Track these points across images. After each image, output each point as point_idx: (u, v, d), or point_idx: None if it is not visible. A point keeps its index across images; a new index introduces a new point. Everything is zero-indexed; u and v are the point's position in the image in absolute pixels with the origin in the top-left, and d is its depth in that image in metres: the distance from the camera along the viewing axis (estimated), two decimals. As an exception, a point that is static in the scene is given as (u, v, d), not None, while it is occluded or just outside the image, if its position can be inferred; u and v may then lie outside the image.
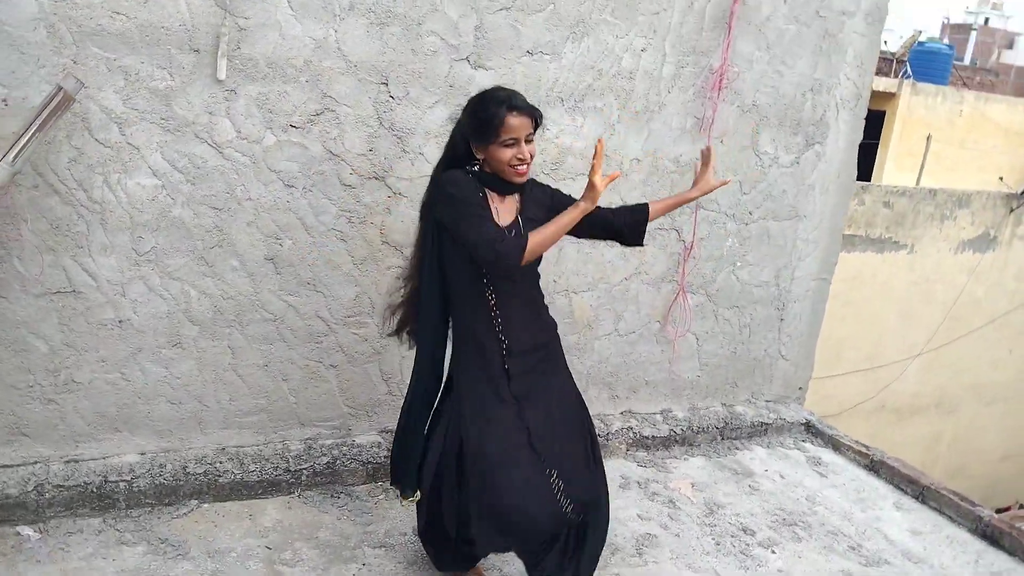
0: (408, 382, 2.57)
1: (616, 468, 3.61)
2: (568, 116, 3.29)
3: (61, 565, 2.57)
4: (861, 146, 4.05)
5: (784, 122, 3.76)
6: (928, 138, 14.31)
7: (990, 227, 12.85)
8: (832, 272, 4.18)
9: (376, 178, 3.04)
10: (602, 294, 3.60)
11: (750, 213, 3.84)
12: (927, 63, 16.22)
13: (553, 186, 2.57)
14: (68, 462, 2.87)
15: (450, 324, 2.45)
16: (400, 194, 3.09)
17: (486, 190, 2.32)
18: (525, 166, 2.29)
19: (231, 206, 2.87)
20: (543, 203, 2.45)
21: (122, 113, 2.64)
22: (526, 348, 2.40)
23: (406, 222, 3.13)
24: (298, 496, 3.10)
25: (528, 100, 2.30)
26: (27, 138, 2.03)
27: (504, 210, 2.35)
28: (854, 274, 12.03)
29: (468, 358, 2.41)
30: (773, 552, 3.13)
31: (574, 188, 3.28)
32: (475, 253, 2.25)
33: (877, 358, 12.64)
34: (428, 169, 3.05)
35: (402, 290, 2.60)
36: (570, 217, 2.31)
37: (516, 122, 2.23)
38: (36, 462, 2.83)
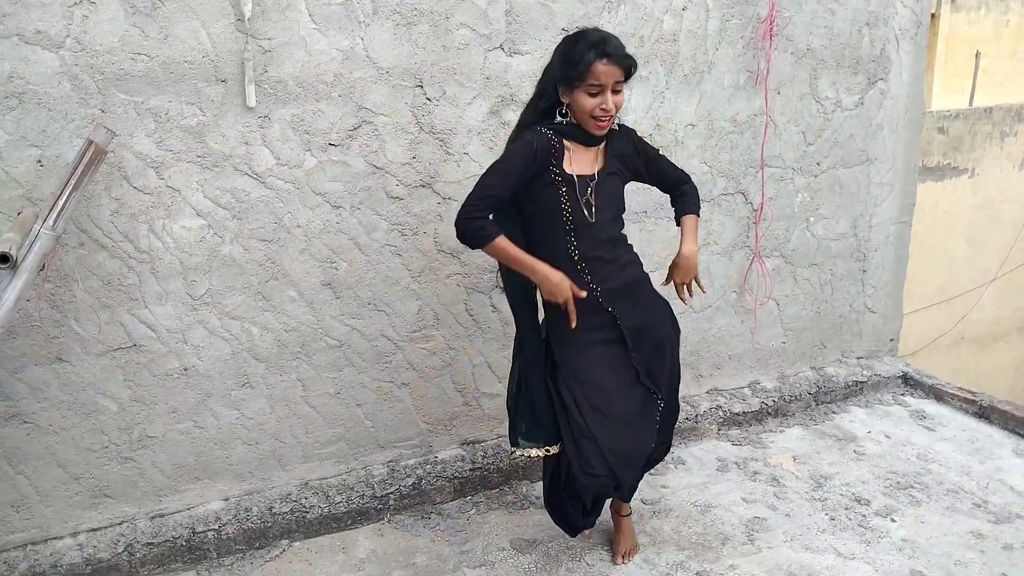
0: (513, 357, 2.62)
1: (709, 450, 3.44)
2: (614, 90, 3.10)
3: (163, 625, 2.52)
4: None
5: (842, 62, 3.51)
6: (977, 55, 13.65)
7: (1053, 138, 12.23)
8: (911, 213, 3.93)
9: (423, 186, 2.91)
10: (672, 271, 3.41)
11: (818, 164, 3.60)
12: (967, -25, 15.47)
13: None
14: (154, 518, 2.81)
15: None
16: (450, 199, 2.95)
17: (564, 142, 2.32)
18: (607, 119, 2.26)
19: (281, 236, 2.76)
20: (626, 155, 2.44)
21: (157, 156, 2.54)
22: (617, 288, 2.44)
23: (460, 226, 2.99)
24: (388, 521, 3.01)
25: (622, 47, 2.26)
26: (64, 198, 1.94)
27: (584, 160, 2.35)
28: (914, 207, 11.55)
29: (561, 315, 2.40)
30: (893, 520, 2.93)
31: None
32: None
33: (950, 289, 12.18)
34: (475, 169, 2.93)
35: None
36: (527, 267, 2.33)
37: (604, 68, 2.19)
38: (123, 522, 2.78)
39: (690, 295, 2.59)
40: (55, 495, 2.68)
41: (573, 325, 2.34)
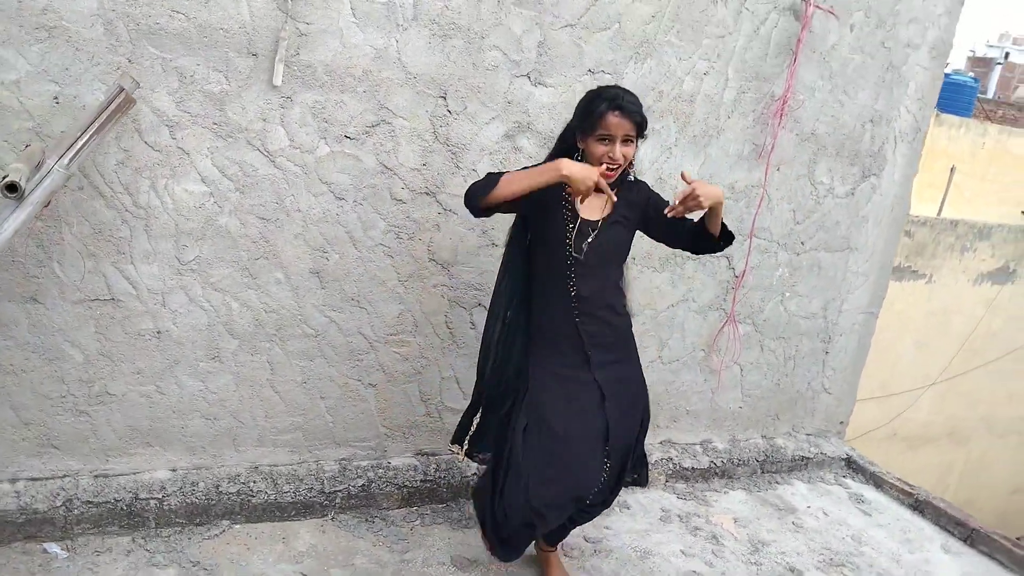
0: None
1: (655, 499, 3.49)
2: (625, 137, 3.19)
3: (89, 586, 2.46)
4: None
5: (842, 152, 3.66)
6: (952, 169, 14.23)
7: (1010, 260, 12.74)
8: (880, 306, 4.08)
9: (427, 194, 2.94)
10: (647, 320, 3.48)
11: (802, 243, 3.73)
12: (953, 95, 16.13)
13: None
14: (98, 477, 2.75)
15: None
16: (450, 211, 2.99)
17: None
18: (614, 168, 2.35)
19: (279, 217, 2.76)
20: (637, 204, 2.50)
21: (174, 116, 2.53)
22: (604, 342, 2.50)
23: (454, 239, 3.03)
24: (332, 519, 2.99)
25: (635, 104, 2.35)
26: (85, 140, 1.93)
27: (594, 206, 2.43)
28: (871, 302, 11.92)
29: (546, 350, 2.52)
30: (823, 598, 3.01)
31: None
32: None
33: (891, 386, 12.53)
34: (481, 186, 2.97)
35: None
36: (540, 170, 2.33)
37: (615, 120, 2.31)
38: (65, 476, 2.72)
39: (679, 206, 2.36)
40: (1, 437, 2.61)
41: (614, 199, 2.35)
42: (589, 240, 2.43)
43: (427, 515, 3.10)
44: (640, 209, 2.51)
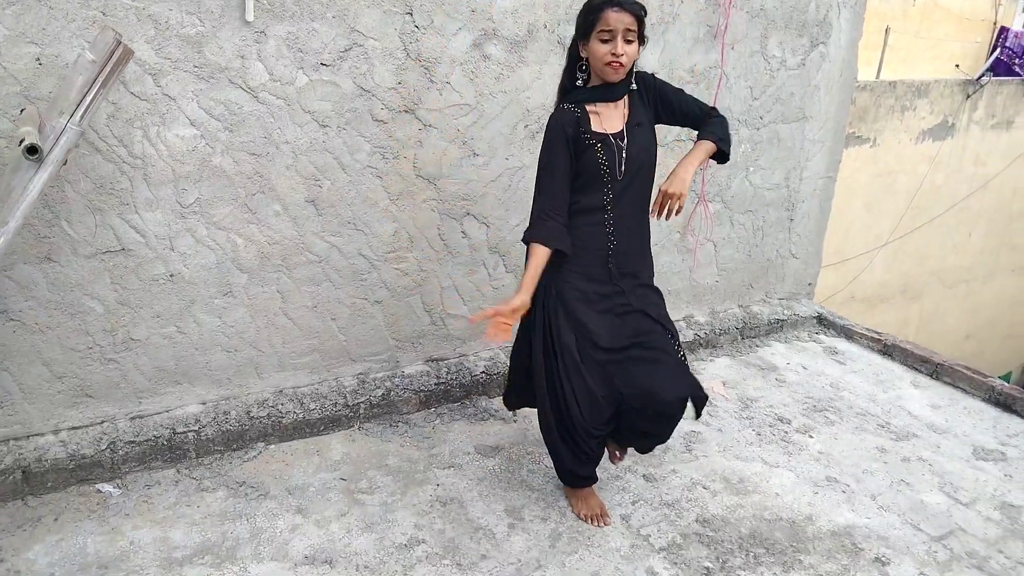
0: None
1: (651, 375, 3.76)
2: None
3: (149, 516, 2.64)
4: None
5: (790, 24, 3.80)
6: (887, 30, 14.40)
7: (947, 115, 13.12)
8: (837, 170, 4.30)
9: (407, 111, 3.04)
10: (626, 209, 3.67)
11: (761, 118, 3.91)
12: (882, -47, 16.16)
13: None
14: (134, 418, 2.91)
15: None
16: (430, 126, 3.09)
17: (587, 108, 2.44)
18: (619, 64, 2.36)
19: (269, 151, 2.85)
20: (649, 101, 2.54)
21: (155, 64, 2.59)
22: (629, 271, 2.58)
23: (437, 154, 3.15)
24: (358, 429, 3.20)
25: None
26: (92, 95, 2.00)
27: (613, 116, 2.46)
28: (818, 171, 12.29)
29: (576, 267, 2.54)
30: (811, 437, 3.33)
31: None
32: None
33: (845, 251, 13.05)
34: (455, 99, 3.10)
35: None
36: (522, 281, 2.42)
37: (614, 16, 2.32)
38: (103, 421, 2.87)
39: (666, 213, 2.54)
40: (38, 393, 2.74)
41: (489, 335, 2.38)
42: (620, 152, 2.45)
43: (445, 414, 3.33)
44: (650, 101, 2.54)
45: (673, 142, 3.69)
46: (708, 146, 2.53)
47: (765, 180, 4.06)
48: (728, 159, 2.63)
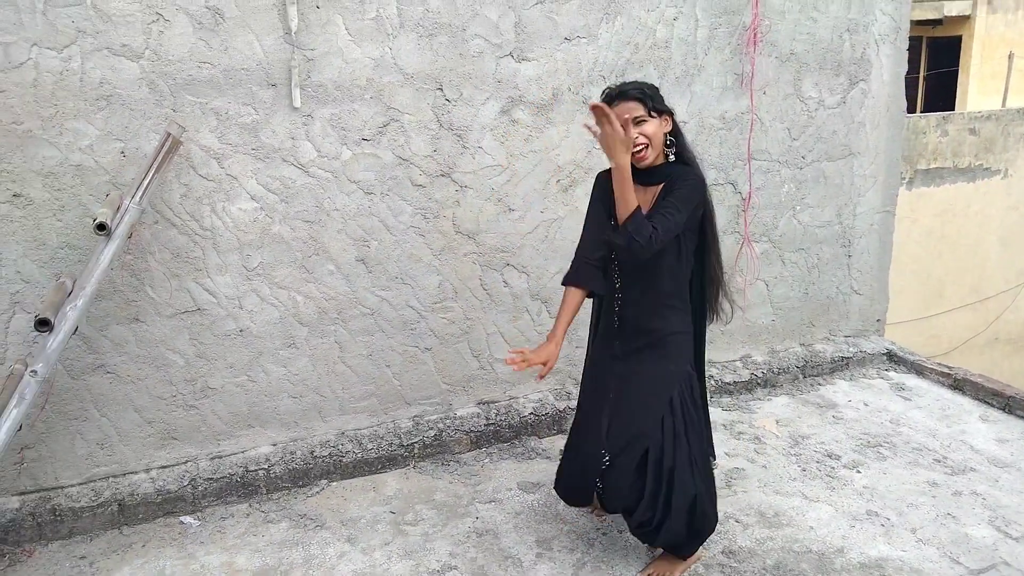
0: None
1: (702, 414, 3.82)
2: (612, 92, 3.52)
3: (221, 544, 2.99)
4: (941, 76, 4.13)
5: (824, 65, 3.88)
6: (1010, 56, 13.73)
7: (1083, 139, 12.28)
8: (895, 203, 4.26)
9: (443, 175, 3.35)
10: (667, 253, 3.81)
11: (803, 157, 3.97)
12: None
13: (605, 160, 2.62)
14: (213, 458, 3.30)
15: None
16: (466, 187, 3.39)
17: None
18: (640, 149, 2.42)
19: (321, 218, 3.23)
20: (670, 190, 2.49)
21: (219, 149, 3.03)
22: (631, 335, 2.62)
23: (474, 211, 3.43)
24: (413, 467, 3.46)
25: (630, 85, 2.47)
26: (148, 179, 2.42)
27: (644, 201, 2.47)
28: (945, 207, 11.79)
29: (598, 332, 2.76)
30: (858, 472, 3.29)
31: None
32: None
33: (983, 290, 12.29)
34: (488, 161, 3.38)
35: None
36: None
37: (619, 108, 2.39)
38: (187, 461, 3.27)
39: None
40: (132, 436, 3.17)
41: (509, 362, 2.49)
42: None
43: (494, 453, 3.53)
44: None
45: (711, 186, 3.81)
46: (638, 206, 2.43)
47: (815, 218, 4.09)
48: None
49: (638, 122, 2.42)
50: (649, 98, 2.44)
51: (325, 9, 3.04)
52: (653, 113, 2.45)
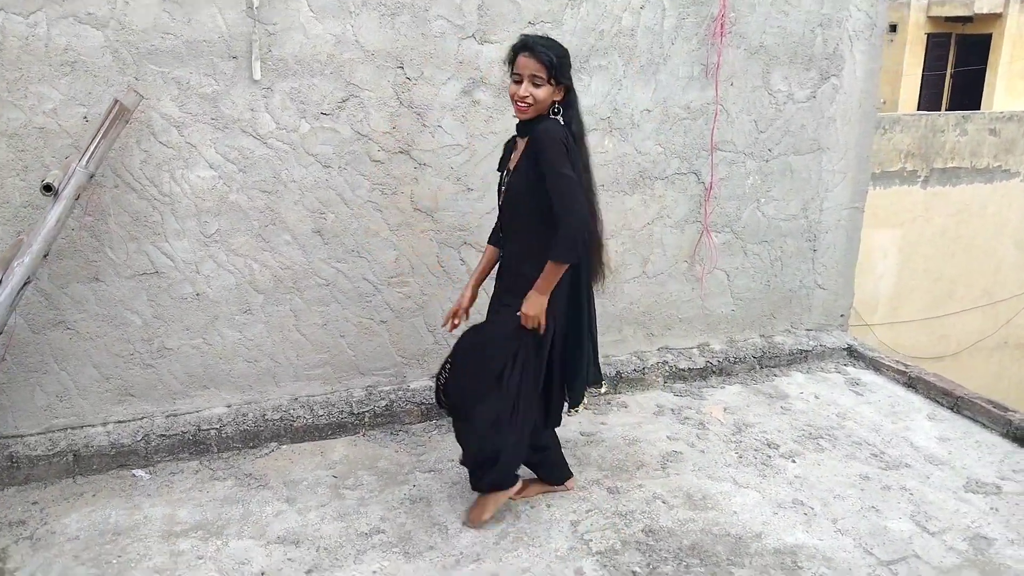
0: None
1: (652, 398, 3.90)
2: (575, 77, 3.54)
3: (167, 497, 3.12)
4: (969, 74, 4.11)
5: (795, 59, 3.89)
6: (1031, 56, 13.50)
7: (1105, 142, 12.06)
8: (864, 200, 4.27)
9: (401, 152, 3.43)
10: (626, 239, 3.87)
11: (769, 150, 3.99)
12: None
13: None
14: (168, 416, 3.42)
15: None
16: (424, 164, 3.46)
17: (516, 140, 2.76)
18: (523, 104, 2.57)
19: (278, 188, 3.32)
20: (531, 154, 2.62)
21: (179, 117, 3.12)
22: (503, 277, 2.87)
23: (432, 189, 3.51)
24: (362, 435, 3.56)
25: (545, 47, 2.56)
26: (95, 144, 2.52)
27: (517, 154, 2.72)
28: (961, 208, 11.68)
29: None
30: (793, 462, 3.35)
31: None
32: None
33: (995, 293, 12.17)
34: (448, 140, 3.44)
35: None
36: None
37: (522, 60, 2.55)
38: (143, 417, 3.40)
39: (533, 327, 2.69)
40: (90, 391, 3.30)
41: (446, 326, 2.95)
42: (502, 189, 2.77)
43: (443, 426, 3.62)
44: (533, 156, 2.60)
45: (674, 175, 3.85)
46: (551, 267, 2.59)
47: (779, 211, 4.11)
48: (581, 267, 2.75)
49: (534, 81, 2.55)
50: (555, 67, 2.54)
51: (287, -15, 3.12)
52: (552, 80, 2.56)
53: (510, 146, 2.83)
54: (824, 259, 4.29)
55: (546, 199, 2.57)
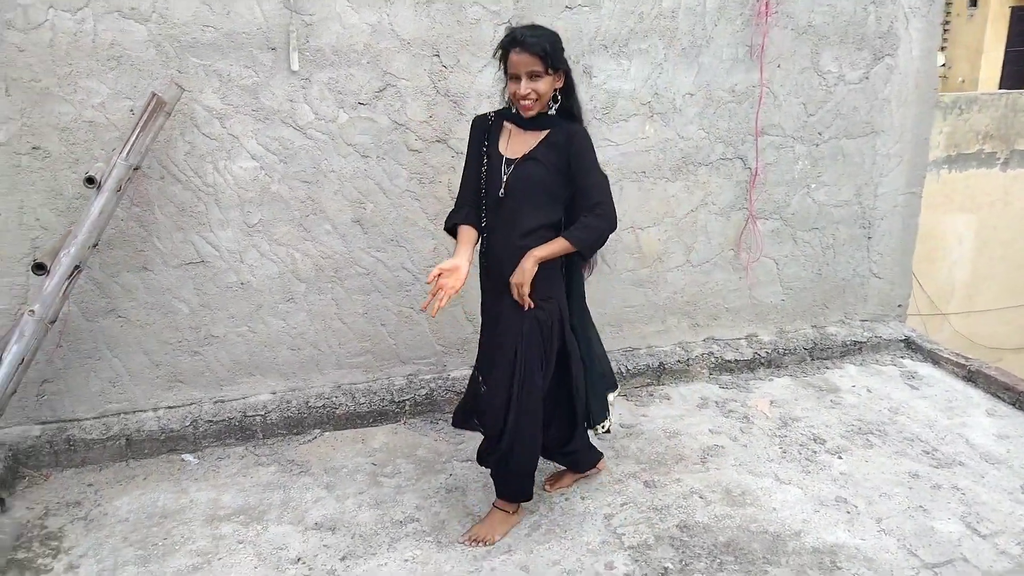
0: None
1: (696, 390, 3.82)
2: (614, 61, 3.50)
3: (213, 481, 3.20)
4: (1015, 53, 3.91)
5: (846, 39, 3.74)
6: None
7: None
8: (921, 185, 4.09)
9: (439, 141, 3.42)
10: (669, 227, 3.79)
11: (819, 134, 3.85)
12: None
13: (606, 129, 2.69)
14: (216, 402, 3.51)
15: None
16: (461, 153, 3.42)
17: (505, 124, 2.63)
18: (528, 101, 2.48)
19: (319, 179, 3.36)
20: (559, 146, 2.55)
21: (221, 109, 3.18)
22: (495, 271, 2.67)
23: (473, 177, 3.49)
24: (403, 423, 3.60)
25: (535, 38, 2.43)
26: (134, 137, 2.59)
27: (520, 143, 2.59)
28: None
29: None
30: (840, 458, 3.24)
31: (627, 129, 3.55)
32: None
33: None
34: (485, 127, 3.41)
35: None
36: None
37: (515, 58, 2.44)
38: (192, 403, 3.50)
39: (522, 303, 2.59)
40: (141, 377, 3.41)
41: (428, 309, 2.52)
42: (505, 176, 2.58)
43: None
44: (563, 152, 2.54)
45: (718, 161, 3.76)
46: (563, 244, 2.55)
47: (831, 197, 3.97)
48: (587, 260, 2.71)
49: (532, 76, 2.45)
50: (549, 56, 2.45)
51: (324, -24, 3.13)
52: (550, 70, 2.47)
53: (493, 129, 2.65)
54: (879, 247, 4.13)
55: (564, 192, 2.57)
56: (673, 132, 3.63)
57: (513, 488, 2.83)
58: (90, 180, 2.55)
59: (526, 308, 2.59)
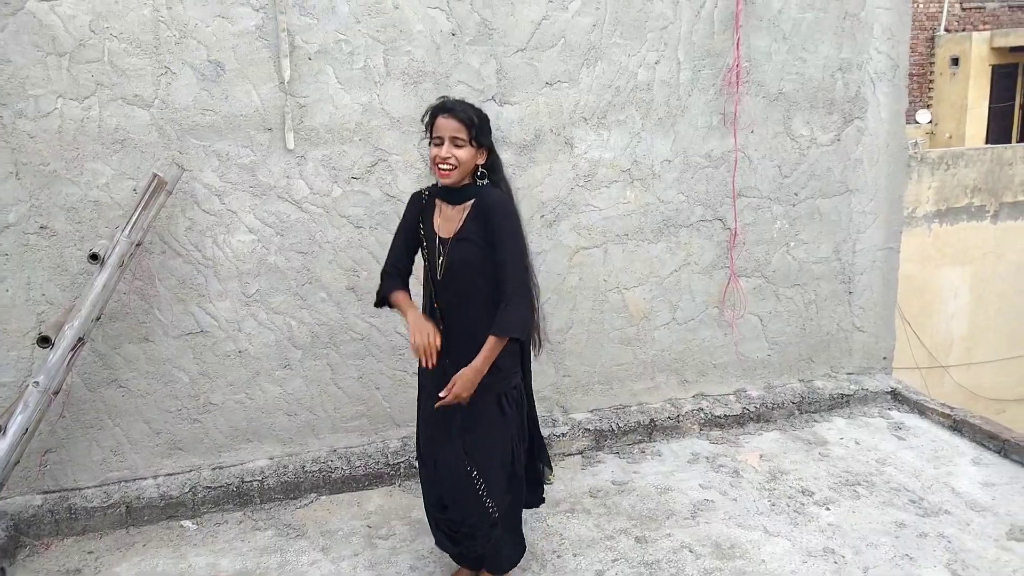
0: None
1: (687, 446, 3.89)
2: (594, 132, 3.68)
3: (211, 547, 3.26)
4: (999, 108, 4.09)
5: (816, 104, 3.93)
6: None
7: None
8: (898, 240, 4.22)
9: (429, 210, 3.58)
10: (654, 287, 3.91)
11: (795, 194, 4.01)
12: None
13: (588, 195, 2.75)
14: (214, 468, 3.59)
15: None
16: (452, 221, 3.60)
17: (436, 201, 2.65)
18: (447, 166, 2.49)
19: (314, 249, 3.50)
20: (482, 220, 2.54)
21: (220, 187, 3.35)
22: (455, 352, 2.58)
23: (462, 244, 3.63)
24: (399, 486, 3.66)
25: (464, 109, 2.51)
26: (136, 214, 2.74)
27: (451, 218, 2.59)
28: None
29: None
30: (828, 509, 3.29)
31: (609, 195, 3.70)
32: None
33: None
34: (473, 196, 3.57)
35: None
36: (405, 316, 2.66)
37: (442, 122, 2.49)
38: (191, 470, 3.57)
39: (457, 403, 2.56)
40: (142, 445, 3.50)
41: (428, 366, 2.52)
42: (441, 257, 2.57)
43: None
44: (486, 223, 2.52)
45: (698, 222, 3.90)
46: (493, 342, 2.50)
47: (810, 254, 4.10)
48: (528, 341, 2.68)
49: (455, 143, 2.48)
50: (475, 127, 2.49)
51: (317, 60, 3.34)
52: (473, 142, 2.51)
53: (427, 207, 2.67)
54: (861, 301, 4.25)
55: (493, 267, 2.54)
56: (653, 196, 3.78)
57: (509, 553, 2.88)
58: (94, 256, 2.69)
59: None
